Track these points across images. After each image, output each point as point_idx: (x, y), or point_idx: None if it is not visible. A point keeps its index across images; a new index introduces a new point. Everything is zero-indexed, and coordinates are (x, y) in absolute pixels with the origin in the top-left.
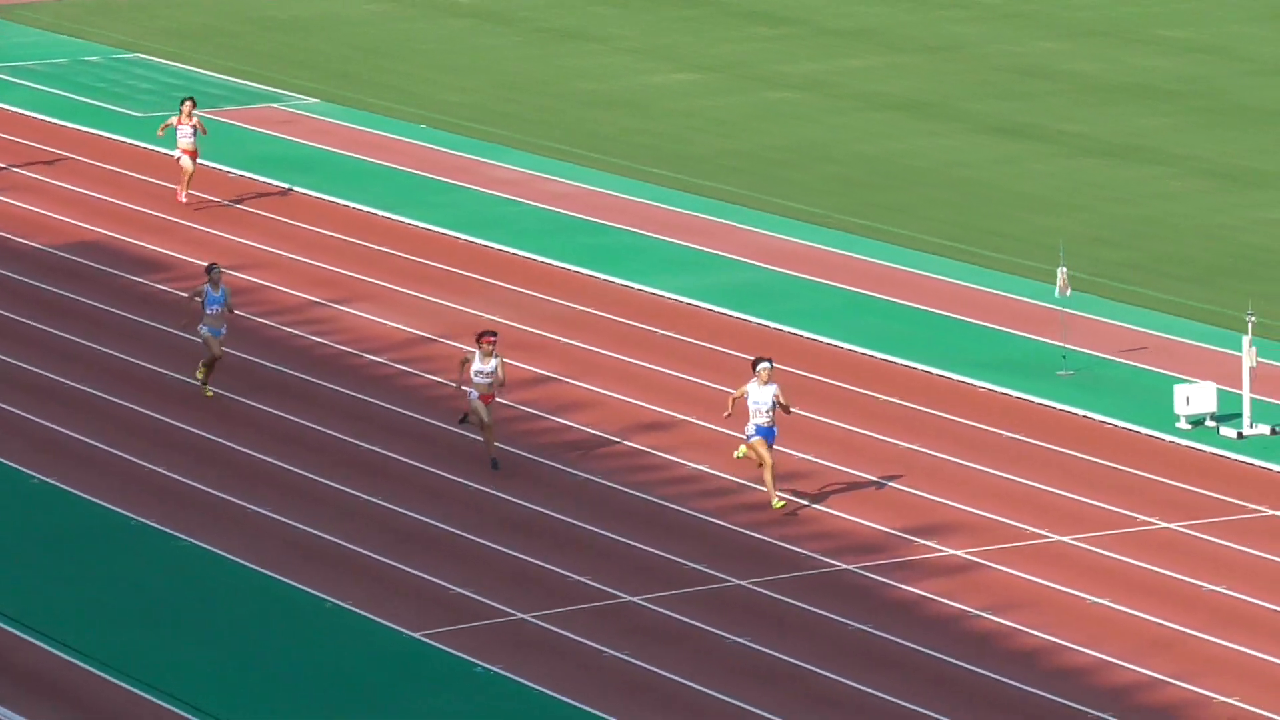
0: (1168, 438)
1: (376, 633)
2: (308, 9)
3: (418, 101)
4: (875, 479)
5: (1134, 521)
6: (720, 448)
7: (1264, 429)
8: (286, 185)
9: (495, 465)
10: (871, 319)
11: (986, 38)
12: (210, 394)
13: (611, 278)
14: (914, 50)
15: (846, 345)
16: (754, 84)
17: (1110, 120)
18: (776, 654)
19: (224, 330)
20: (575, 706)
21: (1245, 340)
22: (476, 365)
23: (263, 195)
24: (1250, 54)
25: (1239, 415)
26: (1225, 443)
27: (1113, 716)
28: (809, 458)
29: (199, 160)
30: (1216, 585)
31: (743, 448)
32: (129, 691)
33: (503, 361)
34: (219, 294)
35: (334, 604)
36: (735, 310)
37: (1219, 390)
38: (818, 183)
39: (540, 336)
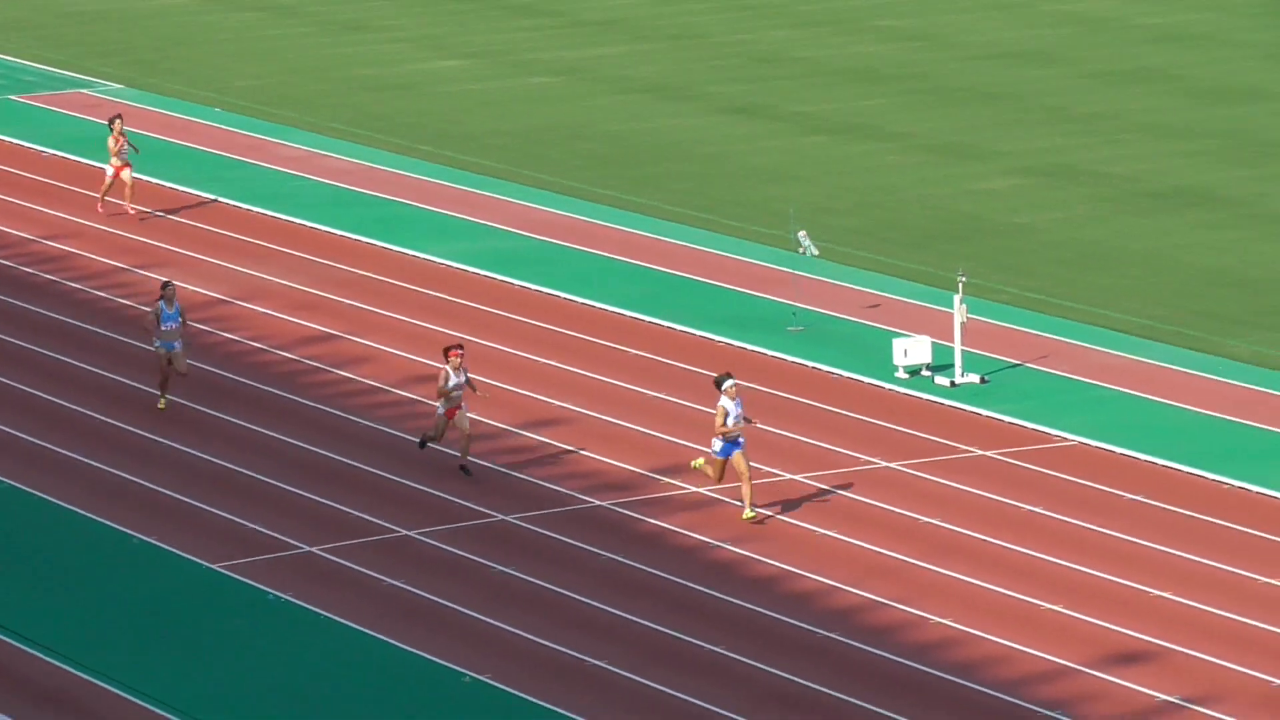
0: (888, 386)
1: (179, 564)
2: (112, 4)
3: (213, 86)
4: (626, 424)
5: (857, 461)
6: (491, 398)
7: (974, 378)
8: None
9: (466, 472)
10: (621, 281)
11: (724, 27)
12: (162, 406)
13: (388, 245)
14: (659, 39)
15: (599, 305)
16: (515, 70)
17: (835, 101)
18: (539, 582)
19: (179, 345)
20: (358, 630)
21: (956, 299)
22: (452, 380)
23: (75, 173)
24: (959, 41)
25: (951, 366)
26: (939, 390)
27: (839, 635)
28: (568, 405)
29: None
30: (931, 518)
31: (700, 459)
32: None
33: (470, 375)
34: (173, 310)
35: (140, 539)
36: (500, 274)
37: (934, 343)
38: (573, 159)
39: (323, 298)
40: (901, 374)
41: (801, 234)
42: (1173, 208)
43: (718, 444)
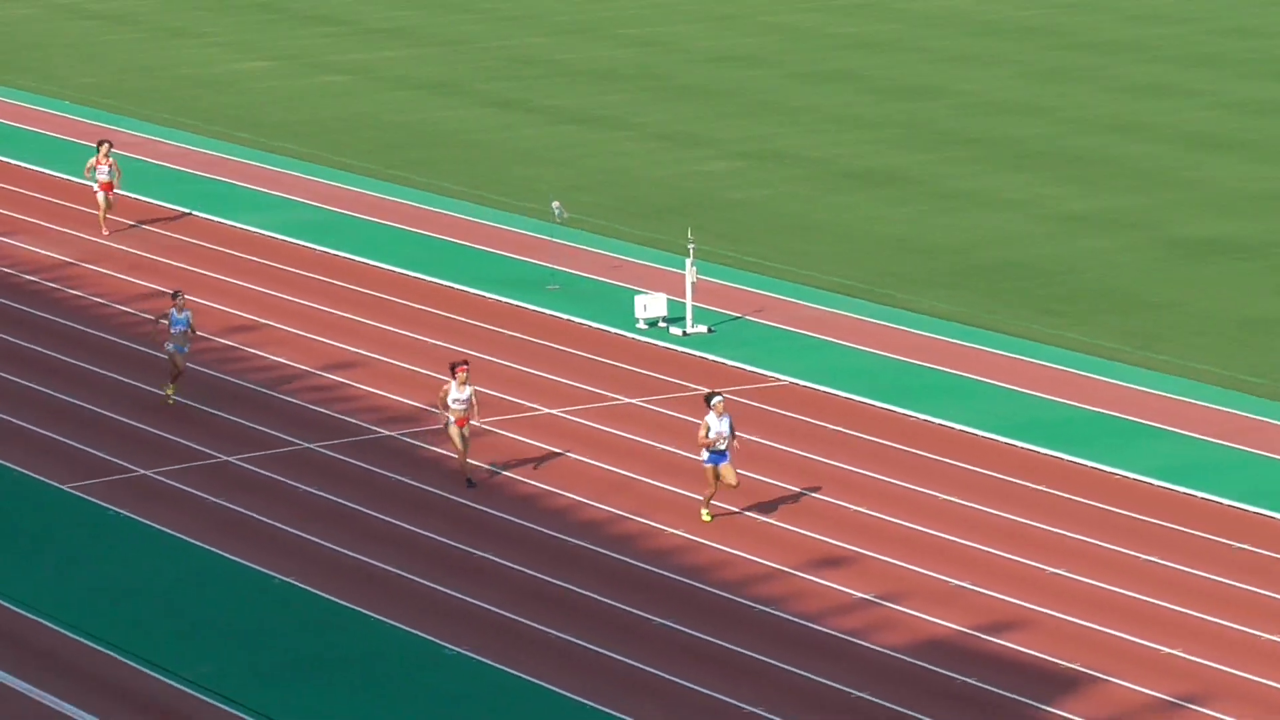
0: (630, 335)
1: (33, 485)
2: None
3: (60, 83)
4: (409, 366)
5: (604, 398)
6: (296, 346)
7: (702, 328)
8: None
9: (471, 485)
10: (405, 246)
11: (488, 35)
12: (171, 401)
13: (210, 215)
14: (433, 44)
15: (387, 266)
16: (314, 69)
17: (581, 96)
18: (339, 499)
19: (187, 348)
20: (186, 540)
21: (687, 262)
22: (453, 394)
23: None
24: (684, 46)
25: (683, 318)
26: (673, 339)
27: (588, 543)
28: (360, 351)
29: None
30: (664, 444)
31: (706, 513)
32: None
33: (476, 389)
34: (182, 317)
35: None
36: (304, 240)
37: (668, 299)
38: (363, 144)
39: (155, 260)
40: (642, 325)
41: (555, 204)
42: (863, 186)
43: (704, 454)
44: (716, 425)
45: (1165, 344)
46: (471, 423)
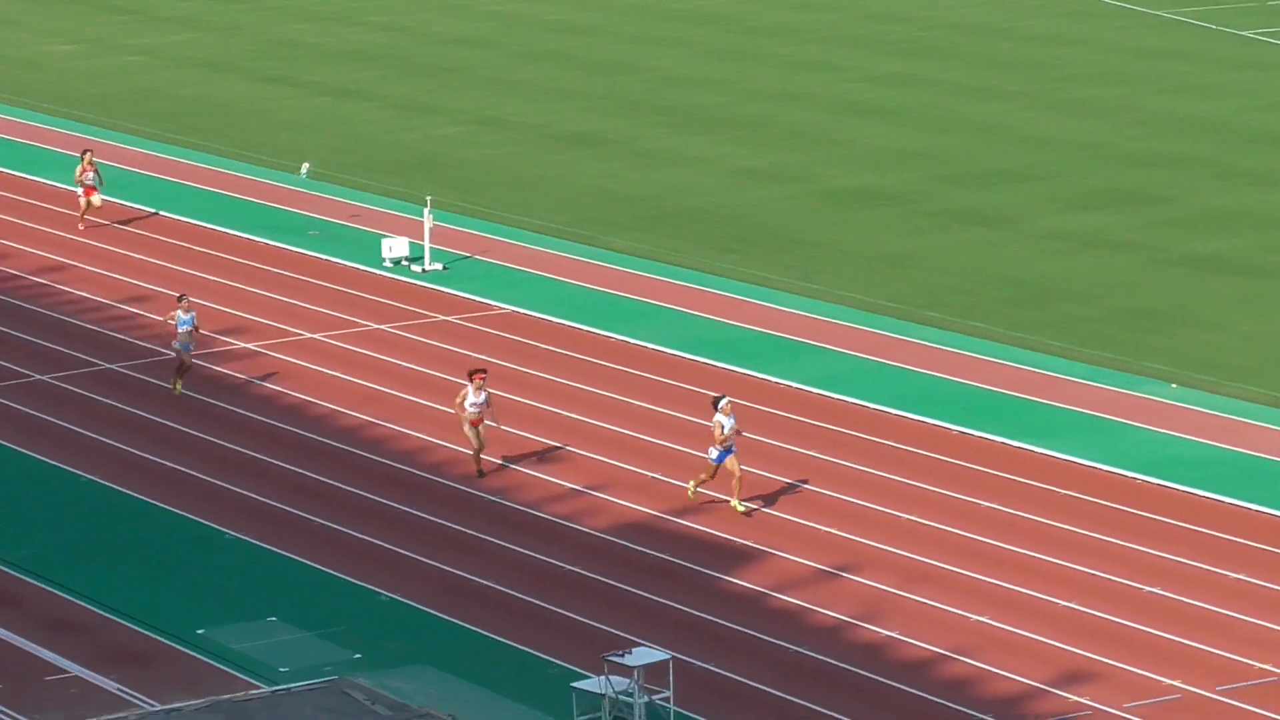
0: (378, 272)
1: None
2: None
3: None
4: (207, 304)
5: (357, 324)
6: (98, 282)
7: (438, 266)
8: None
9: (481, 475)
10: (187, 198)
11: (259, 22)
12: (179, 392)
13: (21, 174)
14: (213, 30)
15: (179, 217)
16: (113, 51)
17: (337, 74)
18: (135, 410)
19: (193, 346)
20: (12, 449)
21: (425, 210)
22: (470, 398)
23: None
24: (423, 31)
25: (422, 257)
26: (414, 275)
27: (343, 444)
28: (150, 286)
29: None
30: (401, 360)
31: (693, 486)
32: None
33: (490, 393)
34: (188, 317)
35: None
36: (109, 196)
37: (410, 242)
38: (154, 114)
39: None
40: (388, 264)
41: (305, 165)
42: (571, 146)
43: (714, 452)
44: (729, 424)
45: (819, 276)
46: (486, 423)
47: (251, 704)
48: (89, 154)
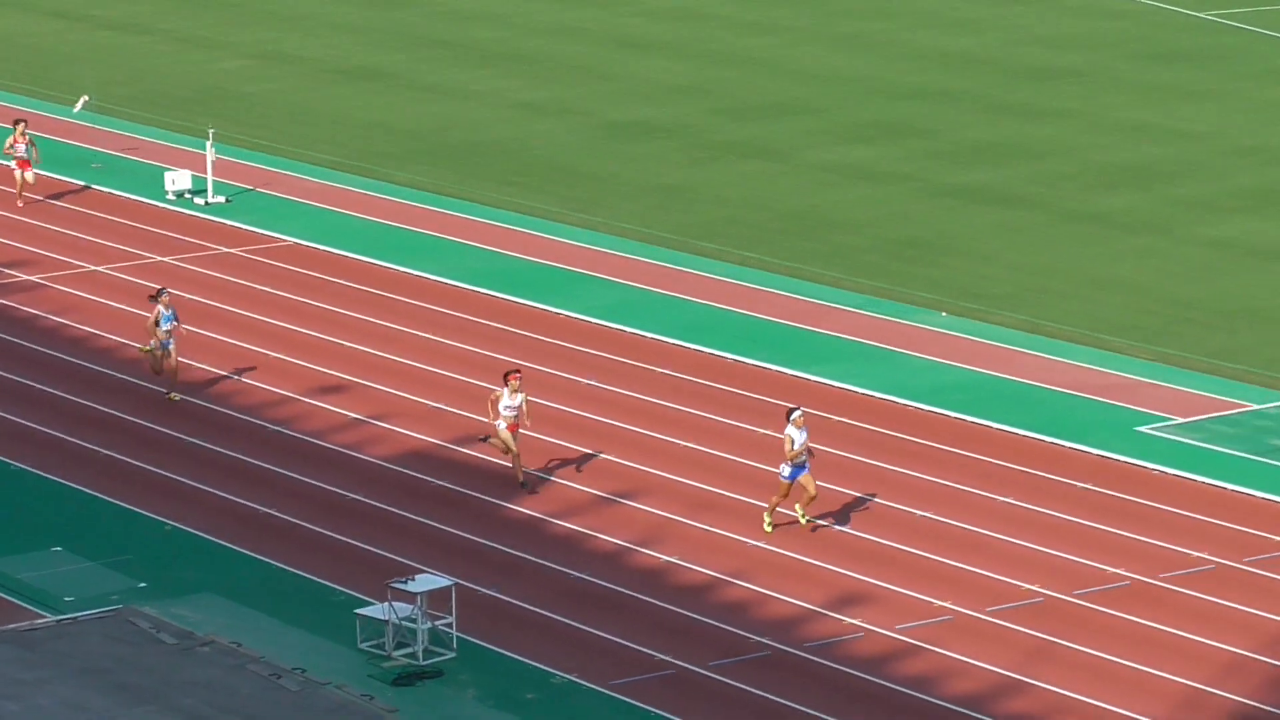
0: (161, 205)
1: None
2: None
3: None
4: (5, 241)
5: (141, 257)
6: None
7: (221, 199)
8: None
9: (525, 485)
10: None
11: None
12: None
13: None
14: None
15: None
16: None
17: (118, 9)
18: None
19: (172, 343)
20: None
21: (208, 144)
22: (505, 400)
23: None
24: None
25: (205, 190)
26: (197, 207)
27: (126, 375)
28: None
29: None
30: (193, 295)
31: (768, 518)
32: None
33: (527, 397)
34: (169, 313)
35: None
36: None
37: (193, 175)
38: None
39: None
40: (171, 196)
41: (82, 99)
42: (352, 80)
43: (786, 469)
44: (800, 438)
45: (600, 208)
46: (520, 430)
47: (37, 633)
48: (23, 124)
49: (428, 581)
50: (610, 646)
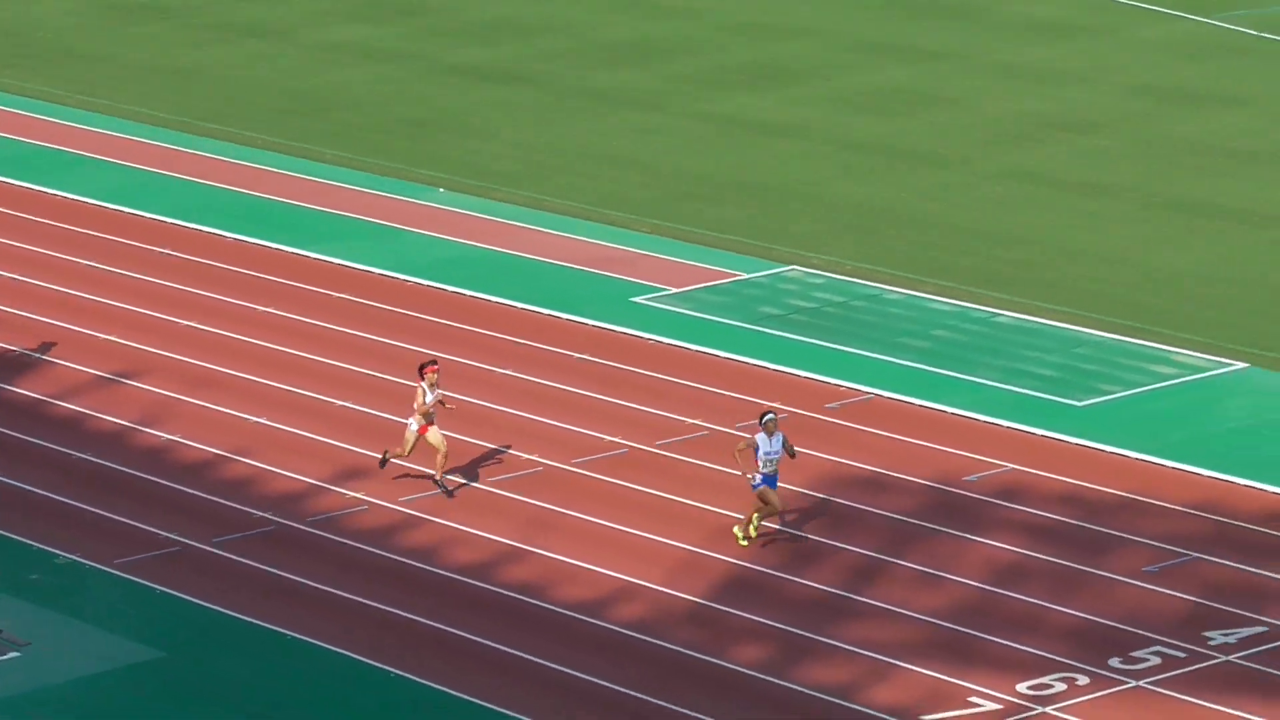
0: None
1: None
2: None
3: None
4: None
5: None
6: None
7: None
8: None
9: (445, 491)
10: None
11: None
12: None
13: None
14: None
15: None
16: None
17: None
18: None
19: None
20: None
21: None
22: (429, 397)
23: None
24: None
25: None
26: None
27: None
28: None
29: None
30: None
31: (738, 531)
32: None
33: (444, 394)
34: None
35: None
36: None
37: None
38: None
39: None
40: None
41: None
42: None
43: (756, 478)
44: (765, 445)
45: (101, 90)
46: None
47: None
48: None
49: None
50: (114, 526)
